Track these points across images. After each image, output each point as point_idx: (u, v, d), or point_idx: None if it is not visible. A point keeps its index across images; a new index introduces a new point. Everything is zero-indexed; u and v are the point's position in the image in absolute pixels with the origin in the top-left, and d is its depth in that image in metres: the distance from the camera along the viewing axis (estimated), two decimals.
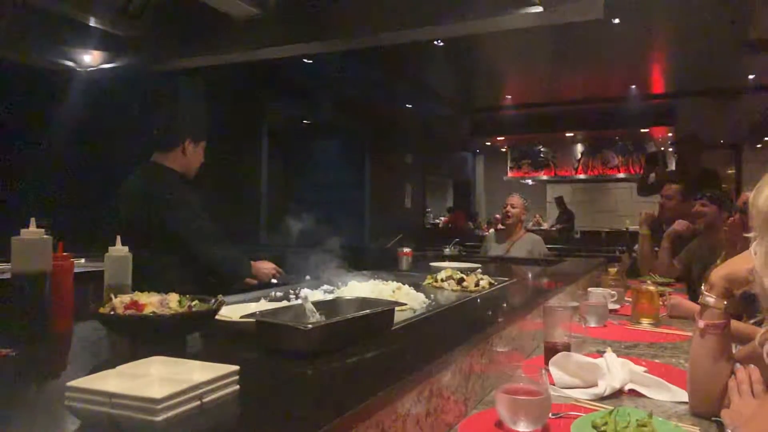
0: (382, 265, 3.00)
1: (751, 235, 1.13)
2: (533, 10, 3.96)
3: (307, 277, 2.48)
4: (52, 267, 1.42)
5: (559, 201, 12.89)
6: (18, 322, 1.36)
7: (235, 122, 6.80)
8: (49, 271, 1.40)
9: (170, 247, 2.45)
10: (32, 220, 1.40)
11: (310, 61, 6.46)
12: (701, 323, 1.31)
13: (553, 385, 1.49)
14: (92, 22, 4.83)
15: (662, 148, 11.65)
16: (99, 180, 5.00)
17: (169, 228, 2.43)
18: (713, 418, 1.28)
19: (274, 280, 2.65)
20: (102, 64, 5.51)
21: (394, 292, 2.04)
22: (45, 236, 1.40)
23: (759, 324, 1.25)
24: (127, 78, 5.49)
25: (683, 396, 1.42)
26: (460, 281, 2.45)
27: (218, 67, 5.50)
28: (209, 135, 2.72)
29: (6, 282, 1.43)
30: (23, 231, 1.39)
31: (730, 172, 12.66)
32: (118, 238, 1.60)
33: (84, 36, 5.10)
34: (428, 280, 2.56)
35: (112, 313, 1.32)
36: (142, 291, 1.41)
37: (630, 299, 2.56)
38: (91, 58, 5.47)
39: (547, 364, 1.60)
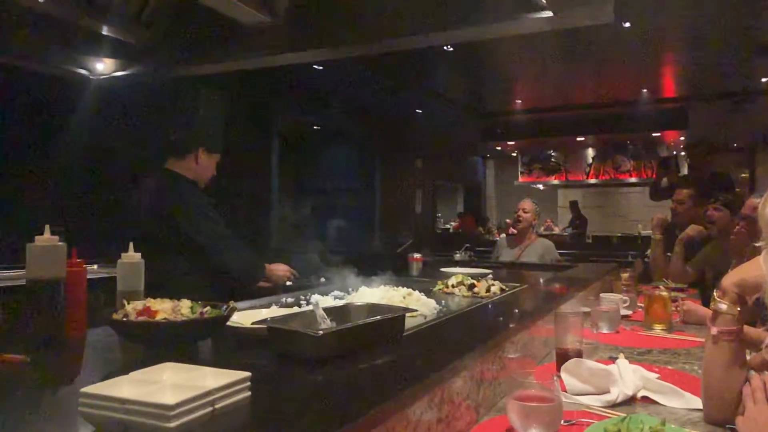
0: (393, 270, 3.00)
1: (760, 243, 1.12)
2: (543, 15, 3.95)
3: (323, 279, 2.49)
4: (66, 273, 1.43)
5: (573, 205, 12.80)
6: (32, 329, 1.37)
7: (245, 128, 6.84)
8: (63, 277, 1.42)
9: (184, 252, 2.47)
10: (47, 227, 1.41)
11: (320, 68, 6.49)
12: (714, 330, 1.30)
13: (565, 391, 1.48)
14: (105, 31, 4.88)
15: (674, 152, 11.57)
16: (112, 186, 5.05)
17: (183, 233, 2.45)
18: (727, 426, 1.27)
19: (288, 283, 2.66)
20: (115, 71, 5.56)
21: (404, 297, 2.04)
22: (59, 243, 1.42)
23: None
24: (139, 85, 5.54)
25: (697, 403, 1.41)
26: (470, 287, 2.45)
27: (229, 74, 5.54)
28: (224, 147, 2.75)
29: (21, 288, 1.44)
30: (38, 238, 1.40)
31: (743, 175, 12.55)
32: (131, 244, 1.61)
33: (97, 44, 5.16)
34: (439, 286, 2.56)
35: (124, 319, 1.33)
36: (154, 297, 1.42)
37: (642, 305, 2.54)
38: (104, 66, 5.53)
39: (558, 370, 1.59)
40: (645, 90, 8.71)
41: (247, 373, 0.96)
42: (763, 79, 7.75)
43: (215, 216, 2.56)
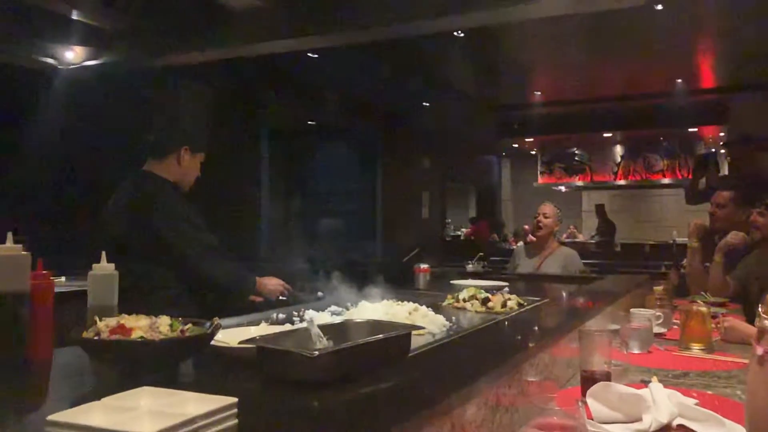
0: (397, 283, 3.00)
1: None
2: None
3: (320, 294, 2.49)
4: (31, 287, 1.43)
5: (600, 210, 12.77)
6: None
7: (232, 124, 6.85)
8: (27, 291, 1.42)
9: (165, 264, 2.47)
10: (9, 235, 1.42)
11: (316, 56, 6.50)
12: (759, 350, 1.30)
13: (591, 419, 1.48)
14: (74, 15, 4.90)
15: (713, 150, 11.54)
16: (83, 189, 5.06)
17: (165, 242, 2.46)
18: None
19: (282, 298, 2.67)
20: (85, 60, 5.58)
21: (410, 313, 2.04)
22: (23, 252, 1.42)
23: None
24: (113, 76, 5.56)
25: None
26: (484, 301, 2.45)
27: (214, 63, 5.56)
28: (209, 146, 2.76)
29: None
30: None
31: None
32: (104, 254, 1.61)
33: (65, 30, 5.17)
34: (449, 300, 2.56)
35: (96, 338, 1.32)
36: (130, 313, 1.42)
37: (678, 321, 2.54)
38: (73, 55, 5.55)
39: (584, 395, 1.59)
40: (680, 80, 8.71)
41: (234, 399, 0.96)
42: None
43: (200, 223, 2.57)
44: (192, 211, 2.58)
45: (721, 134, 11.32)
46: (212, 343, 1.42)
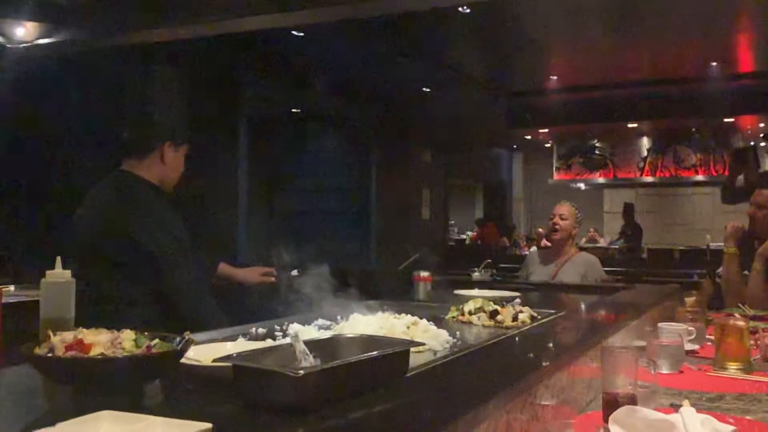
0: (393, 292, 3.00)
1: None
2: None
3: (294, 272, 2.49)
4: None
5: (628, 210, 12.71)
6: None
7: (205, 111, 6.84)
8: None
9: (137, 279, 2.46)
10: None
11: (301, 34, 6.50)
12: None
13: None
14: None
15: (752, 143, 11.60)
16: (37, 187, 5.04)
17: (147, 259, 2.44)
18: None
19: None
20: (38, 38, 5.56)
21: (408, 328, 2.04)
22: None
23: None
24: (71, 57, 5.53)
25: None
26: (493, 314, 2.45)
27: (184, 42, 5.54)
28: (189, 136, 2.76)
29: None
30: None
31: None
32: (58, 259, 1.61)
33: (14, 3, 5.15)
34: (452, 313, 2.57)
35: (49, 355, 1.32)
36: (88, 327, 1.41)
37: (713, 337, 2.55)
38: (23, 32, 5.53)
39: (606, 421, 1.60)
40: (715, 63, 8.73)
41: (208, 425, 0.96)
42: None
43: (185, 239, 2.56)
44: (178, 223, 2.58)
45: (761, 125, 11.37)
46: (183, 360, 1.42)
